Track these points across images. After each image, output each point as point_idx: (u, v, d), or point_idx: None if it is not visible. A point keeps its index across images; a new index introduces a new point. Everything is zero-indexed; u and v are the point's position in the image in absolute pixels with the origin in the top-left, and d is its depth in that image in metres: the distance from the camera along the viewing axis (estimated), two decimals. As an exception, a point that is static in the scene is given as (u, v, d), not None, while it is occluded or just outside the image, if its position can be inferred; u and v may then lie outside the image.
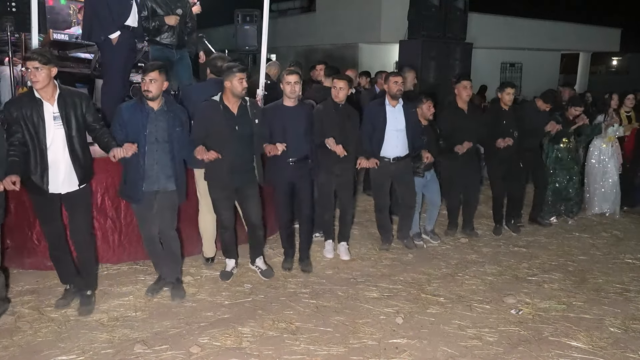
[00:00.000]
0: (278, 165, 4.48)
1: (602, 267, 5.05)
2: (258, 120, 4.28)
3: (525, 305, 4.15)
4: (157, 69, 3.77)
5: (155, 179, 3.89)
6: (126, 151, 3.66)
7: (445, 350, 3.48)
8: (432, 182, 5.54)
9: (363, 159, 4.89)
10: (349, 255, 5.08)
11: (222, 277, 4.49)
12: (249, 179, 4.34)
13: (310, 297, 4.20)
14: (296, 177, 4.58)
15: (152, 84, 3.75)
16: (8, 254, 4.33)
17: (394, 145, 5.06)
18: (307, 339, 3.56)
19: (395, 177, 5.19)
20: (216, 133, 4.11)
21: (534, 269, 4.97)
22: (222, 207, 4.37)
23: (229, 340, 3.51)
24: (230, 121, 4.15)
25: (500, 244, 5.64)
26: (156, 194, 3.94)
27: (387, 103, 5.04)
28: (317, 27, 17.56)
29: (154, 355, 3.32)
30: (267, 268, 4.61)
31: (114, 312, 3.85)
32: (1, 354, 3.28)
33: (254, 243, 4.62)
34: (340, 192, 4.99)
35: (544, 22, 18.96)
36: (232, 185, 4.28)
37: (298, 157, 4.52)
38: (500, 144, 5.51)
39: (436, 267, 4.94)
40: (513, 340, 3.63)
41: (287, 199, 4.66)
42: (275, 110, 4.52)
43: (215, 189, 4.32)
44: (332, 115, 4.70)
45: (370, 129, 5.03)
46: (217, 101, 4.17)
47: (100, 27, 4.72)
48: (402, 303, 4.14)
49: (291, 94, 4.44)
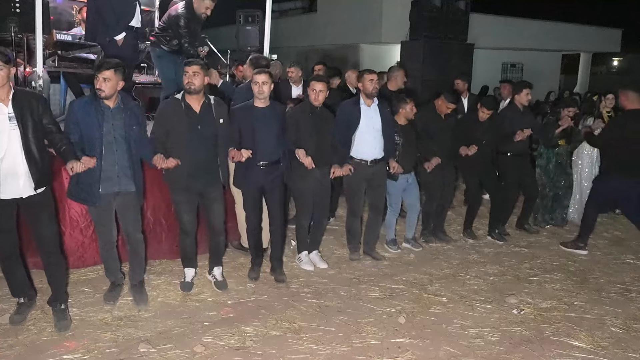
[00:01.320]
0: (248, 169, 4.26)
1: (604, 268, 5.07)
2: (223, 119, 4.08)
3: (527, 305, 4.17)
4: (112, 68, 3.57)
5: (115, 181, 3.71)
6: (85, 166, 3.45)
7: (447, 349, 3.50)
8: (413, 186, 5.29)
9: (337, 167, 4.60)
10: (325, 262, 4.86)
11: (182, 288, 4.23)
12: (213, 181, 4.12)
13: (313, 297, 4.22)
14: (267, 181, 4.34)
15: (106, 83, 3.56)
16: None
17: (372, 146, 4.81)
18: (310, 338, 3.58)
19: (370, 180, 4.91)
20: (176, 132, 3.94)
21: (536, 269, 4.99)
22: (182, 210, 4.12)
23: (232, 339, 3.53)
24: (192, 120, 3.96)
25: (502, 245, 5.66)
26: (116, 195, 3.78)
27: (362, 102, 4.80)
28: (318, 28, 17.59)
29: (158, 354, 3.34)
30: (223, 280, 4.35)
31: (118, 311, 3.87)
32: (6, 352, 3.30)
33: (214, 251, 4.37)
34: (317, 198, 4.72)
35: (545, 23, 18.97)
36: (194, 189, 4.06)
37: (269, 161, 4.29)
38: (466, 151, 5.31)
39: (438, 267, 4.96)
40: (515, 339, 3.65)
41: (256, 204, 4.43)
42: (244, 111, 4.28)
43: (175, 192, 4.10)
44: (307, 119, 4.48)
45: (344, 130, 4.75)
46: (179, 99, 3.99)
47: (105, 29, 4.74)
48: (404, 303, 4.16)
49: (259, 94, 4.19)
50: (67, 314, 3.69)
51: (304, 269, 4.77)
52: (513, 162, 5.70)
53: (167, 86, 5.48)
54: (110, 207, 3.82)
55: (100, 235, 3.93)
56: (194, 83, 3.89)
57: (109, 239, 3.92)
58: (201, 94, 4.01)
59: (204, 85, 3.96)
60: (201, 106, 4.02)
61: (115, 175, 3.70)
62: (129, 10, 4.86)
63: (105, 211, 3.81)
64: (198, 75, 3.87)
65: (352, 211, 5.05)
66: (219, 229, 4.28)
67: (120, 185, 3.74)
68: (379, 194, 5.04)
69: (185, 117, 3.95)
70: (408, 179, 5.23)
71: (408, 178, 5.23)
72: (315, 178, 4.58)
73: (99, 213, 3.82)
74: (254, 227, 4.50)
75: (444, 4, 8.30)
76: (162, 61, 5.54)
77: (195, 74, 3.86)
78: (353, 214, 5.04)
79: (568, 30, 19.60)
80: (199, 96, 4.00)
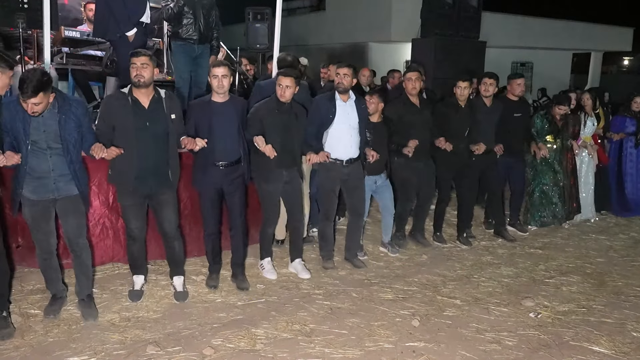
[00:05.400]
0: (205, 169, 4.03)
1: (621, 270, 4.94)
2: (175, 115, 3.79)
3: (544, 309, 4.06)
4: (41, 91, 3.18)
5: (52, 187, 3.46)
6: (7, 160, 3.23)
7: (463, 354, 3.40)
8: (384, 187, 5.01)
9: (312, 154, 4.32)
10: (309, 272, 4.56)
11: (130, 297, 3.96)
12: (163, 183, 3.82)
13: (324, 299, 4.13)
14: (225, 182, 4.08)
15: (38, 107, 3.23)
16: (19, 253, 4.30)
17: (348, 145, 4.54)
18: (322, 341, 3.49)
19: (346, 181, 4.64)
20: (123, 129, 3.64)
21: (551, 271, 4.88)
22: (130, 215, 3.83)
23: (242, 342, 3.45)
24: (140, 116, 3.66)
25: (516, 246, 5.54)
26: (54, 202, 3.52)
27: (338, 98, 4.51)
28: (327, 26, 17.48)
29: (167, 356, 3.26)
30: (183, 291, 4.07)
31: (126, 312, 3.80)
32: (12, 354, 3.23)
33: (171, 258, 4.10)
34: (288, 201, 4.48)
35: (556, 21, 18.76)
36: (142, 191, 3.79)
37: (228, 161, 4.05)
38: (443, 144, 5.01)
39: (451, 269, 4.85)
40: (533, 344, 3.55)
41: (214, 207, 4.15)
42: (200, 106, 4.03)
43: (122, 195, 3.83)
44: (274, 115, 4.21)
45: (316, 125, 4.48)
46: (125, 93, 3.69)
47: (117, 25, 4.68)
48: (417, 305, 4.06)
49: (218, 88, 3.93)
50: (9, 322, 3.53)
51: (266, 277, 4.49)
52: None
53: (181, 86, 5.43)
54: (47, 214, 3.54)
55: (37, 243, 3.62)
56: (143, 75, 3.59)
57: (46, 247, 3.63)
58: (150, 88, 3.71)
59: (153, 77, 3.69)
60: (150, 101, 3.72)
61: (51, 182, 3.45)
62: (139, 6, 4.82)
63: (41, 217, 3.52)
64: (147, 67, 3.57)
65: (324, 214, 4.74)
66: (172, 234, 3.98)
67: (59, 191, 3.49)
68: (357, 196, 4.73)
69: (132, 112, 3.65)
70: (377, 180, 4.95)
71: (377, 180, 4.95)
72: (281, 180, 4.33)
73: (34, 219, 3.53)
74: (212, 231, 4.23)
75: (455, 1, 8.18)
76: (177, 57, 5.48)
77: (144, 65, 3.56)
78: (326, 217, 4.74)
79: (579, 29, 19.38)
80: (148, 90, 3.70)
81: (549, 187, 5.99)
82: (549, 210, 6.05)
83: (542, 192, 6.01)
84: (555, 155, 5.95)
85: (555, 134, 5.89)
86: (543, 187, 6.00)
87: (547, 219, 6.07)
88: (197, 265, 4.61)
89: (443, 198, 5.54)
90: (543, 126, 5.87)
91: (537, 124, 5.89)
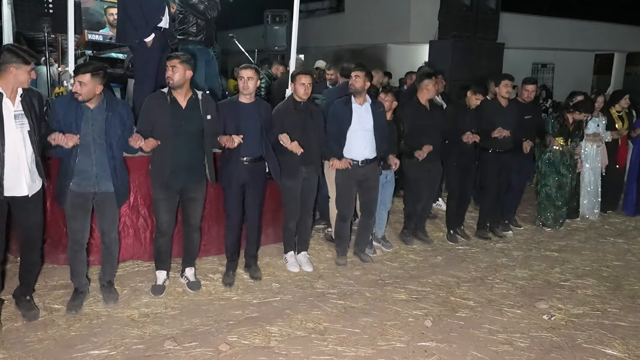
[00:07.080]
0: (232, 164, 4.21)
1: (638, 274, 4.92)
2: (211, 116, 4.00)
3: (558, 311, 4.07)
4: (90, 72, 3.49)
5: (93, 181, 3.66)
6: (67, 140, 3.43)
7: (475, 354, 3.43)
8: (389, 183, 5.20)
9: (335, 160, 4.56)
10: (311, 265, 4.76)
11: (153, 291, 4.12)
12: (196, 179, 4.06)
13: (338, 298, 4.19)
14: (249, 177, 4.28)
15: (82, 87, 3.49)
16: (44, 249, 4.43)
17: (363, 146, 4.68)
18: (335, 339, 3.55)
19: (361, 182, 4.79)
20: (160, 127, 3.86)
21: (567, 274, 4.87)
22: (161, 209, 4.04)
23: (257, 339, 3.53)
24: (177, 116, 3.88)
25: (532, 248, 5.54)
26: (94, 195, 3.73)
27: (354, 101, 4.69)
28: (346, 28, 17.52)
29: (184, 351, 3.35)
30: (196, 281, 4.28)
31: (145, 308, 3.90)
32: (36, 346, 3.35)
33: (188, 249, 4.29)
34: (302, 196, 4.65)
35: (577, 22, 18.51)
36: (175, 186, 3.99)
37: (253, 157, 4.25)
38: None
39: (465, 270, 4.87)
40: (545, 346, 3.56)
41: (238, 201, 4.33)
42: (229, 107, 4.24)
43: (156, 189, 4.03)
44: (291, 114, 4.43)
45: (336, 128, 4.67)
46: (165, 93, 3.92)
47: (135, 30, 4.77)
48: (430, 306, 4.09)
49: (244, 89, 4.15)
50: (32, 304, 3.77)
51: (290, 270, 4.68)
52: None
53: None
54: (85, 207, 3.75)
55: (71, 234, 3.79)
56: (172, 78, 3.80)
57: (79, 239, 3.80)
58: (186, 88, 3.92)
59: (184, 79, 3.85)
60: (187, 101, 3.93)
61: (93, 175, 3.66)
62: (157, 11, 4.85)
63: (81, 209, 3.73)
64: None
65: (341, 214, 4.89)
66: (195, 225, 4.22)
67: (99, 185, 3.70)
68: (371, 196, 4.90)
69: (169, 112, 3.87)
70: (387, 175, 5.14)
71: (387, 174, 5.13)
72: (300, 176, 4.54)
73: (74, 210, 3.72)
74: (234, 224, 4.37)
75: (473, 3, 8.17)
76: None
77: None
78: (342, 217, 4.89)
79: (601, 30, 19.09)
80: (184, 90, 3.90)
81: (552, 190, 6.04)
82: (551, 213, 6.13)
83: (546, 194, 6.08)
84: (561, 157, 5.97)
85: (565, 137, 5.93)
86: (546, 190, 6.06)
87: (549, 221, 6.15)
88: (214, 264, 4.70)
89: (460, 197, 5.62)
90: (554, 129, 5.90)
91: (551, 124, 5.92)
